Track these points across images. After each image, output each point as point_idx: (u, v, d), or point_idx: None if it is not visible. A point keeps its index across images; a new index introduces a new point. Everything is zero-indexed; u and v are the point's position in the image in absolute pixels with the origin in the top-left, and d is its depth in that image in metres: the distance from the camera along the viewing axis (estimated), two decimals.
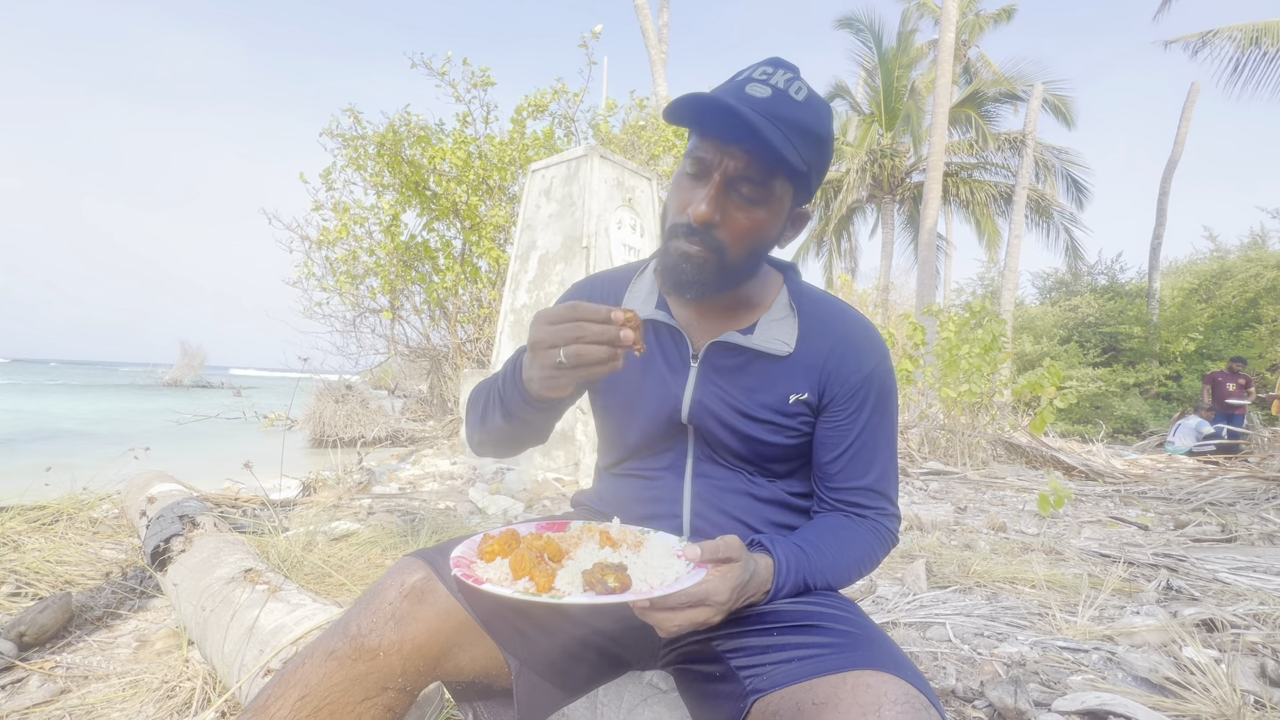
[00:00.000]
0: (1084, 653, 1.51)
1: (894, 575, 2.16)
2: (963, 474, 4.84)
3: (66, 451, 6.02)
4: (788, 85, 0.77)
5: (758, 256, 0.85)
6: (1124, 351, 13.62)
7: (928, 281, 12.02)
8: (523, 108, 7.88)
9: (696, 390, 0.91)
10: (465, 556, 0.75)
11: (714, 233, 0.80)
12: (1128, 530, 3.10)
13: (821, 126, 0.79)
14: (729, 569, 0.71)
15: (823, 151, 0.80)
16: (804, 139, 0.76)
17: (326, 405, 7.43)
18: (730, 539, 0.73)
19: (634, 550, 0.77)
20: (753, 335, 0.89)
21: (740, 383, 0.89)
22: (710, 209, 0.78)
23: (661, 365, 0.94)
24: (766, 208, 0.80)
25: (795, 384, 0.88)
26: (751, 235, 0.81)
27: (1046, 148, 14.54)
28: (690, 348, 0.92)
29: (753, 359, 0.90)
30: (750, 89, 0.76)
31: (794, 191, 0.82)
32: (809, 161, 0.78)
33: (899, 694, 0.60)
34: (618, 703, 0.96)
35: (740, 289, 0.90)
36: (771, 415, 0.88)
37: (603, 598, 0.65)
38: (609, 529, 0.82)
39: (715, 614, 0.70)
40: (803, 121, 0.76)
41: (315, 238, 7.91)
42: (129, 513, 2.37)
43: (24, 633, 1.49)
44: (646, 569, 0.72)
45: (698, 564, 0.71)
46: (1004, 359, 5.98)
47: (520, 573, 0.70)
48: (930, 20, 16.01)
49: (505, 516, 3.03)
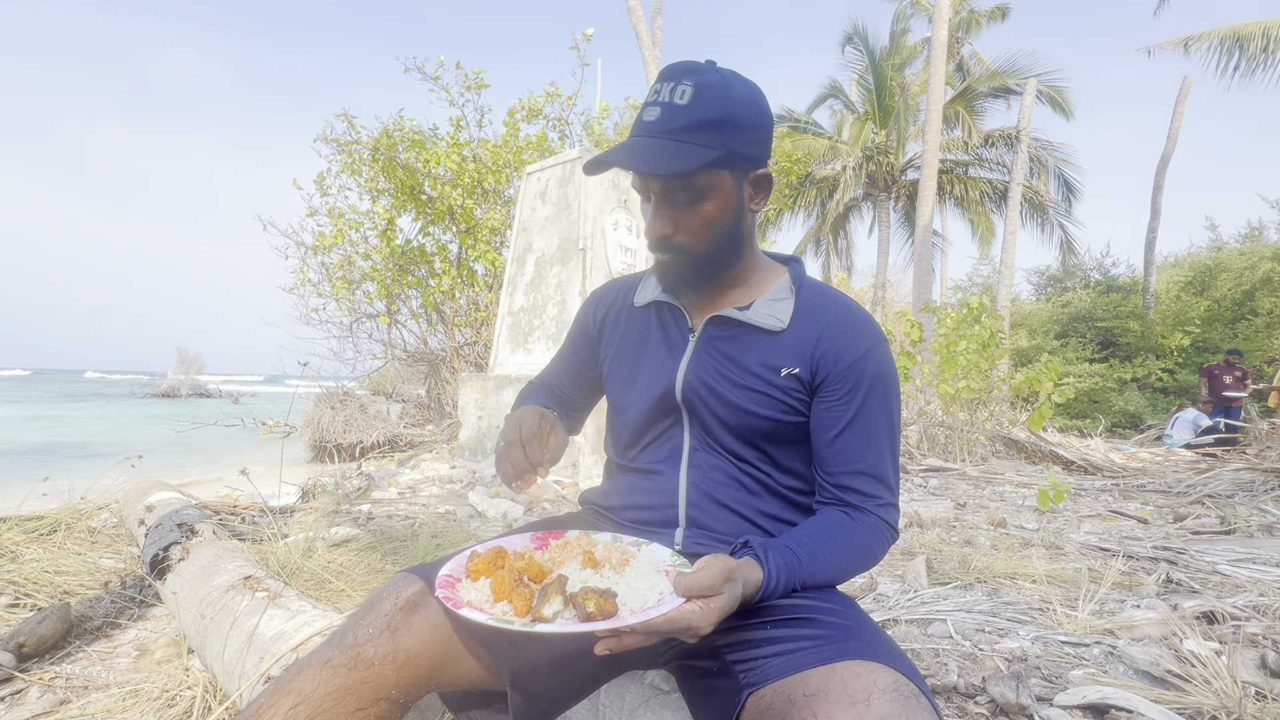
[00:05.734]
0: (1085, 647, 1.51)
1: (894, 572, 2.16)
2: (962, 470, 4.84)
3: (64, 461, 6.00)
4: (673, 94, 0.82)
5: (729, 237, 0.90)
6: (1120, 346, 13.66)
7: (924, 278, 12.04)
8: (516, 110, 7.88)
9: (691, 362, 0.95)
10: (452, 575, 0.76)
11: (674, 240, 0.88)
12: (1127, 524, 3.10)
13: (717, 110, 0.82)
14: (713, 601, 0.68)
15: (732, 126, 0.83)
16: (705, 132, 0.81)
17: (324, 411, 7.40)
18: (714, 568, 0.69)
19: (617, 571, 0.77)
20: (749, 311, 0.93)
21: (730, 353, 0.93)
22: (658, 228, 0.88)
23: (661, 343, 1.00)
24: (709, 199, 0.85)
25: (787, 358, 0.91)
26: (708, 227, 0.87)
27: (1040, 143, 14.57)
28: (690, 324, 0.98)
29: (746, 332, 0.93)
30: (645, 114, 0.84)
31: (730, 171, 0.86)
32: (724, 143, 0.82)
33: (888, 682, 0.60)
34: (620, 704, 0.95)
35: (738, 272, 0.96)
36: (757, 384, 0.90)
37: (580, 626, 0.65)
38: (594, 549, 0.82)
39: (696, 639, 0.69)
40: (696, 118, 0.81)
41: (311, 243, 7.90)
42: (127, 521, 2.36)
43: (23, 644, 1.48)
44: (629, 590, 0.72)
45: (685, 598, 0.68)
46: (1001, 355, 6.00)
47: (500, 595, 0.71)
48: (923, 18, 16.07)
49: (505, 520, 3.02)
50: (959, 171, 15.81)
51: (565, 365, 1.16)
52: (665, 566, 0.78)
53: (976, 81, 15.55)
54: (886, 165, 15.88)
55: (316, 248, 7.86)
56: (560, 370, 1.17)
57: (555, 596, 0.69)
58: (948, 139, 15.34)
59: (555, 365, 1.18)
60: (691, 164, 0.79)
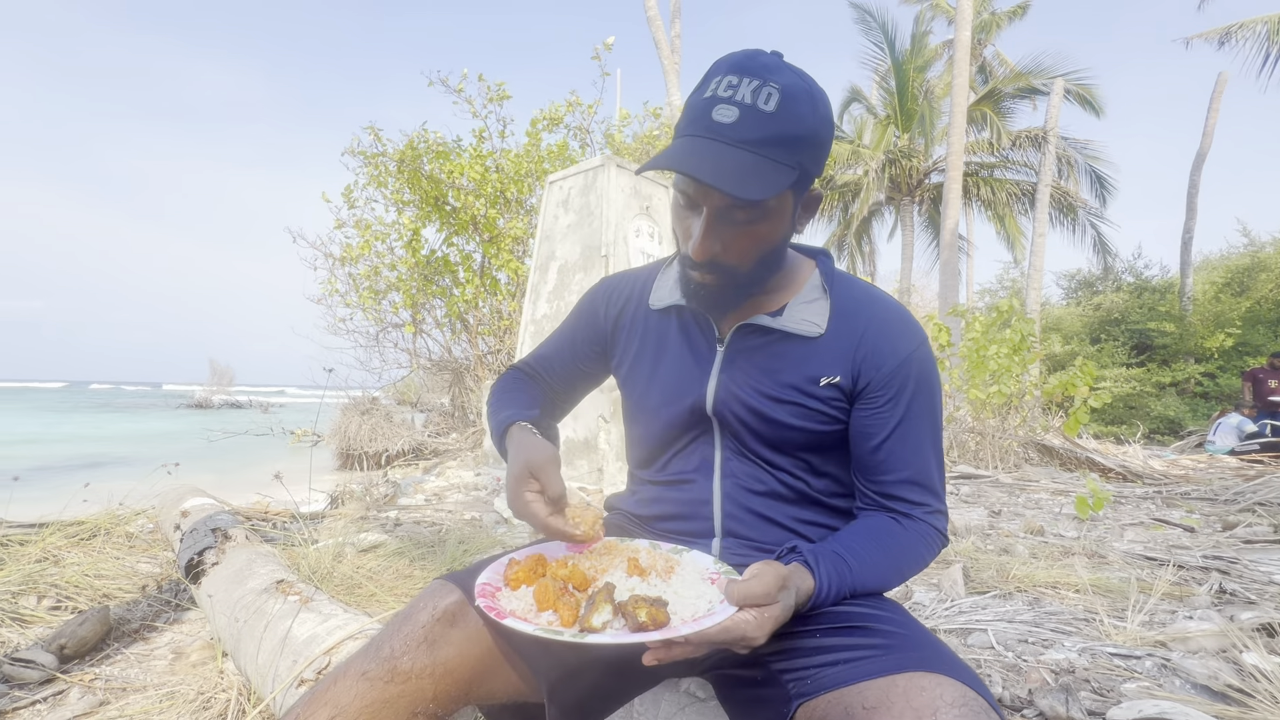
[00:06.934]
0: (1136, 659, 1.45)
1: (930, 581, 2.10)
2: (994, 477, 4.71)
3: (104, 469, 6.18)
4: (756, 96, 0.71)
5: (774, 258, 0.83)
6: (1157, 349, 13.22)
7: (950, 283, 11.83)
8: (538, 120, 7.97)
9: (722, 374, 0.88)
10: (490, 584, 0.73)
11: (719, 260, 0.79)
12: (1172, 532, 2.98)
13: (803, 125, 0.73)
14: (767, 610, 0.65)
15: (813, 144, 0.75)
16: (786, 149, 0.72)
17: (352, 420, 7.52)
18: (768, 576, 0.66)
19: (664, 579, 0.74)
20: (781, 317, 0.86)
21: (765, 364, 0.86)
22: (707, 246, 0.77)
23: (686, 353, 0.92)
24: (766, 222, 0.77)
25: (826, 366, 0.84)
26: (757, 249, 0.79)
27: (1070, 141, 14.26)
28: (716, 333, 0.90)
29: (780, 340, 0.87)
30: (717, 114, 0.71)
31: (794, 192, 0.78)
32: (799, 163, 0.74)
33: (955, 696, 0.57)
34: (654, 711, 0.93)
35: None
36: (795, 396, 0.84)
37: (632, 637, 0.62)
38: (638, 555, 0.79)
39: (749, 650, 0.66)
40: (780, 133, 0.71)
41: (338, 255, 8.07)
42: (163, 527, 2.40)
43: (64, 645, 1.51)
44: (678, 599, 0.69)
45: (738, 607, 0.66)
46: (1034, 359, 5.84)
47: (545, 604, 0.68)
48: (944, 21, 15.89)
49: (530, 526, 3.02)
50: (985, 174, 15.54)
51: (561, 355, 1.06)
52: (710, 574, 0.74)
53: (1001, 83, 15.29)
54: (909, 169, 15.69)
55: (344, 259, 8.03)
56: (556, 359, 1.07)
57: (604, 605, 0.66)
58: (973, 141, 15.10)
59: (549, 353, 1.08)
60: (774, 188, 0.71)
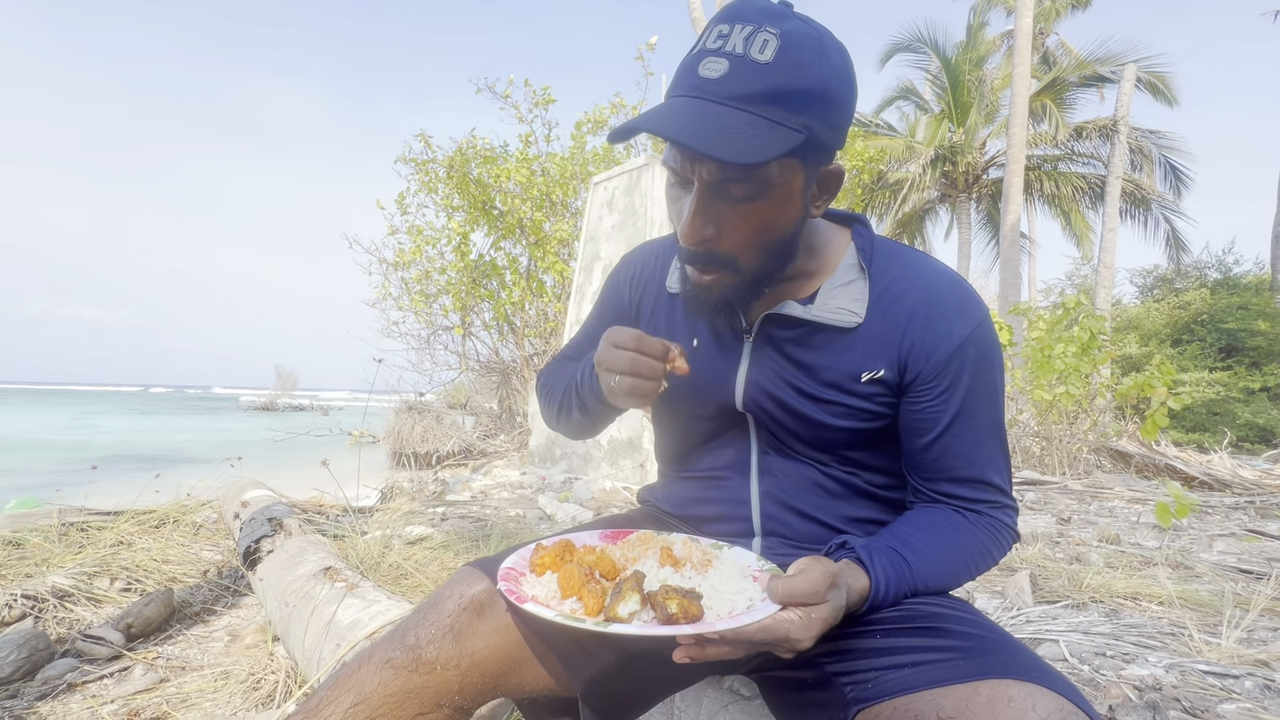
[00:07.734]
0: (1234, 678, 1.31)
1: (993, 588, 1.98)
2: (1062, 484, 4.43)
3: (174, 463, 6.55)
4: (749, 44, 0.60)
5: (781, 249, 0.71)
6: (1246, 351, 12.22)
7: (1011, 281, 11.31)
8: (582, 123, 8.06)
9: (751, 369, 0.79)
10: (515, 569, 0.70)
11: (715, 248, 0.69)
12: (1270, 544, 2.72)
13: (808, 76, 0.61)
14: (814, 610, 0.59)
15: (822, 101, 0.63)
16: (787, 106, 0.61)
17: (404, 421, 7.78)
18: (816, 572, 0.60)
19: (700, 571, 0.68)
20: (813, 305, 0.75)
21: (800, 359, 0.77)
22: (697, 228, 0.67)
23: (710, 343, 0.83)
24: (768, 197, 0.66)
25: (868, 360, 0.74)
26: (761, 234, 0.68)
27: (1142, 132, 13.40)
28: (743, 321, 0.80)
29: (814, 332, 0.76)
30: (704, 68, 0.62)
31: (801, 162, 0.66)
32: (804, 124, 0.62)
33: (1051, 708, 0.49)
34: (696, 708, 0.89)
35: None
36: (836, 395, 0.75)
37: (660, 629, 0.56)
38: (672, 545, 0.74)
39: (792, 654, 0.60)
40: (778, 86, 0.60)
41: (392, 260, 8.37)
42: (225, 516, 2.51)
43: (131, 624, 1.58)
44: (714, 593, 0.63)
45: (781, 605, 0.60)
46: (1104, 359, 5.47)
47: (569, 591, 0.64)
48: (1002, 12, 15.24)
49: (574, 522, 3.01)
50: (1047, 167, 14.77)
51: (595, 341, 0.96)
52: (753, 571, 0.68)
53: (1065, 72, 14.51)
54: (965, 164, 15.08)
55: (397, 264, 8.33)
56: (591, 346, 0.97)
57: (631, 594, 0.61)
58: (1034, 134, 14.38)
59: (584, 341, 1.01)
60: (770, 151, 0.60)
